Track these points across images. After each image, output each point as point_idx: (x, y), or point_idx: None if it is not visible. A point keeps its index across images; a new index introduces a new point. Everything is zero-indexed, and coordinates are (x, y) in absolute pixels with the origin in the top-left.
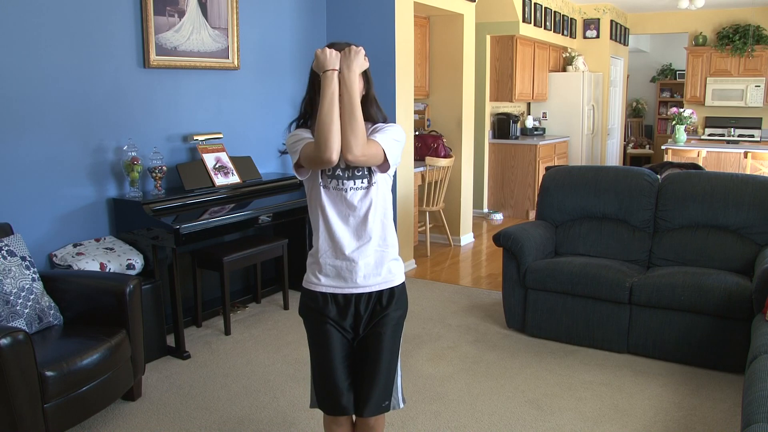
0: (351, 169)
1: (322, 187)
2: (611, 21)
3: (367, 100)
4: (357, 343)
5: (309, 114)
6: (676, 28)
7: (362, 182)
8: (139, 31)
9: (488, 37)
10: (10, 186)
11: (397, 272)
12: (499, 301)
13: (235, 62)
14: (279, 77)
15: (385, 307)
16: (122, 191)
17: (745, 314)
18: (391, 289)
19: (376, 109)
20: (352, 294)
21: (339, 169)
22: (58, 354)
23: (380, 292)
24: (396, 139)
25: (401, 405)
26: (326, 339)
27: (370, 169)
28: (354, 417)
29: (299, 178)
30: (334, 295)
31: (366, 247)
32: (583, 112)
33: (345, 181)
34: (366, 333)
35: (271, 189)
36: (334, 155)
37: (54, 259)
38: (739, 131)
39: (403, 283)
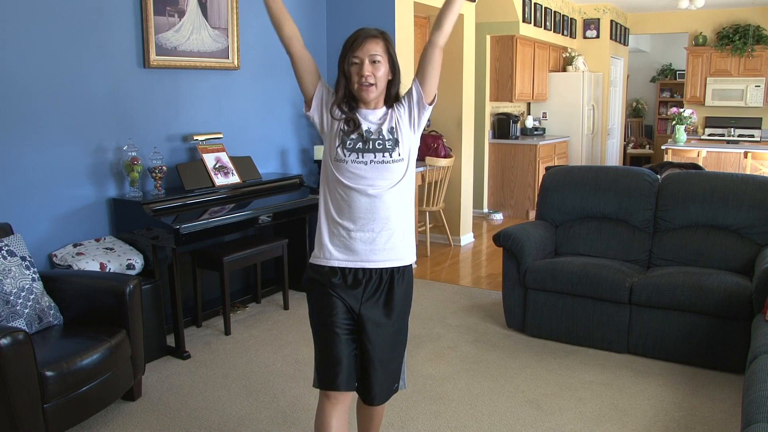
0: (371, 141)
1: (336, 161)
2: (611, 21)
3: (393, 83)
4: (363, 325)
5: (337, 95)
6: (676, 28)
7: (383, 156)
8: (139, 31)
9: (488, 37)
10: (10, 186)
11: (407, 253)
12: (499, 301)
13: (235, 62)
14: (279, 77)
15: (392, 286)
16: (122, 191)
17: (745, 314)
18: (400, 267)
19: (395, 88)
20: (360, 268)
21: (360, 142)
22: (58, 354)
23: (390, 270)
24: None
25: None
26: (330, 308)
27: (396, 141)
28: (356, 406)
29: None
30: (342, 269)
31: (379, 225)
32: (583, 112)
33: (365, 154)
34: (373, 313)
35: (271, 189)
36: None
37: (54, 259)
38: (739, 131)
39: (411, 265)
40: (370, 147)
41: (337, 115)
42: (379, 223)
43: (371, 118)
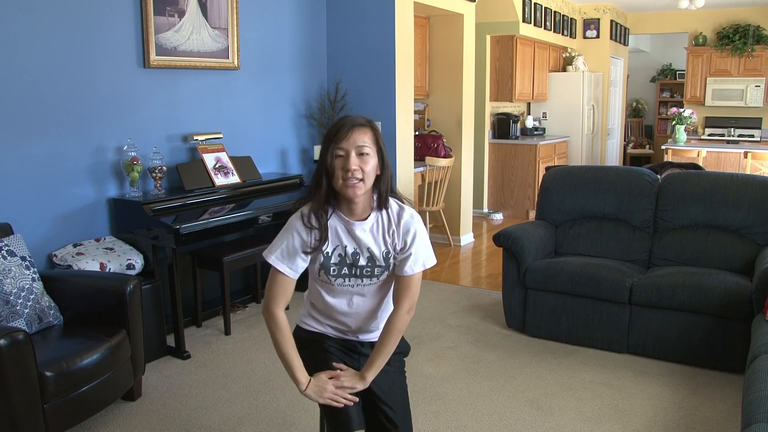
0: (358, 267)
1: (320, 279)
2: (611, 21)
3: (382, 180)
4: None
5: (316, 193)
6: (676, 28)
7: (371, 279)
8: (139, 31)
9: (488, 37)
10: (10, 186)
11: None
12: (499, 301)
13: (235, 62)
14: (279, 77)
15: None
16: (122, 191)
17: (745, 314)
18: None
19: (385, 185)
20: (352, 340)
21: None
22: (58, 354)
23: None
24: (426, 240)
25: None
26: (328, 365)
27: (388, 266)
28: None
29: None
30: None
31: (365, 316)
32: (583, 112)
33: (351, 278)
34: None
35: (271, 189)
36: None
37: (54, 259)
38: (739, 131)
39: None
40: (357, 273)
41: (316, 244)
42: (365, 315)
43: (359, 233)
